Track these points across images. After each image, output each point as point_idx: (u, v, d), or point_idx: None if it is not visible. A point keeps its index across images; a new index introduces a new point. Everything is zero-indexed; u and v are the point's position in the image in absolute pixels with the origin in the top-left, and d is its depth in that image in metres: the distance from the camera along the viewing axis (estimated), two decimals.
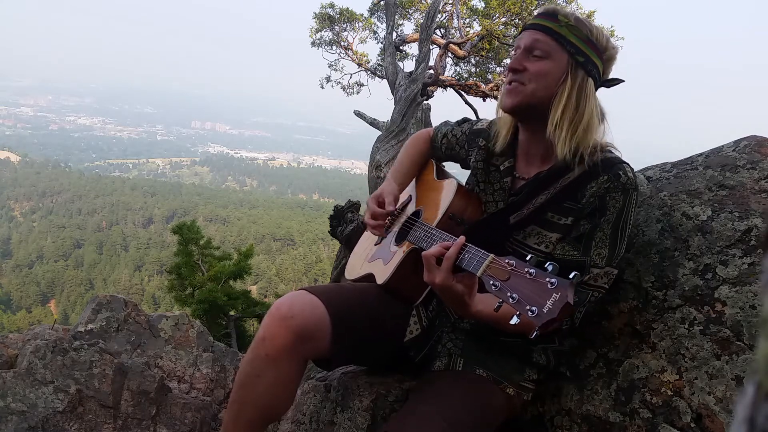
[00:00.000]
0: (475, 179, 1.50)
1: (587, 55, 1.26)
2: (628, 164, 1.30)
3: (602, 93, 1.34)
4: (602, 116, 1.30)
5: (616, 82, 1.33)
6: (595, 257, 1.25)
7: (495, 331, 1.33)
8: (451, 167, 1.73)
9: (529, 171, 1.39)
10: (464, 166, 1.65)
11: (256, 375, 1.26)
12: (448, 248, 1.11)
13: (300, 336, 1.24)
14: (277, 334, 1.23)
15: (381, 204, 1.52)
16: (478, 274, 1.02)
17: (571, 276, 0.90)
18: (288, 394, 1.32)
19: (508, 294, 0.94)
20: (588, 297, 1.26)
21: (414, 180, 1.68)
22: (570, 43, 1.26)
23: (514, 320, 0.92)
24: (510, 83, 1.31)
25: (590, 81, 1.27)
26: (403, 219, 1.57)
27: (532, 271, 0.93)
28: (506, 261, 0.99)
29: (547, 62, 1.27)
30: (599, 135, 1.30)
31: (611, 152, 1.31)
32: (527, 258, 0.96)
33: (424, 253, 1.14)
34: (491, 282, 0.98)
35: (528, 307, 0.90)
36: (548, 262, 0.93)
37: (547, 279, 0.91)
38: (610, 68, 1.33)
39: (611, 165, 1.27)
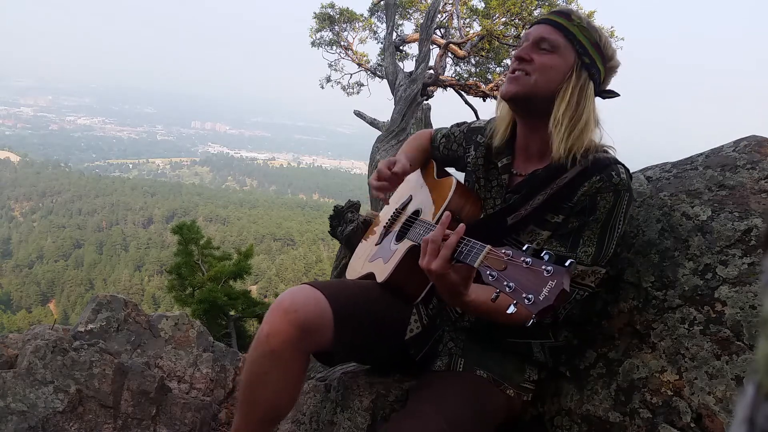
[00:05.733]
0: (474, 177, 1.50)
1: (593, 59, 1.29)
2: (622, 165, 1.30)
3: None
4: (597, 122, 1.32)
5: (612, 94, 1.35)
6: (582, 255, 1.25)
7: (495, 328, 1.33)
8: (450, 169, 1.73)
9: (527, 168, 1.40)
10: (460, 168, 1.65)
11: (263, 373, 1.26)
12: (447, 236, 1.10)
13: (303, 329, 1.24)
14: (281, 328, 1.23)
15: (391, 167, 1.49)
16: (476, 265, 1.02)
17: (567, 264, 0.91)
18: (294, 389, 1.33)
19: (505, 283, 0.94)
20: (573, 295, 1.25)
21: (416, 177, 1.69)
22: (579, 42, 1.28)
23: (511, 309, 0.92)
24: (514, 72, 1.31)
25: (591, 84, 1.29)
26: (403, 219, 1.58)
27: (528, 260, 0.94)
28: (503, 251, 0.99)
29: (554, 56, 1.28)
30: (595, 138, 1.31)
31: (606, 152, 1.32)
32: (524, 248, 0.96)
33: (424, 237, 1.13)
34: (488, 272, 0.98)
35: (524, 296, 0.90)
36: (544, 251, 0.93)
37: (543, 267, 0.91)
38: (609, 79, 1.35)
39: (605, 166, 1.27)
